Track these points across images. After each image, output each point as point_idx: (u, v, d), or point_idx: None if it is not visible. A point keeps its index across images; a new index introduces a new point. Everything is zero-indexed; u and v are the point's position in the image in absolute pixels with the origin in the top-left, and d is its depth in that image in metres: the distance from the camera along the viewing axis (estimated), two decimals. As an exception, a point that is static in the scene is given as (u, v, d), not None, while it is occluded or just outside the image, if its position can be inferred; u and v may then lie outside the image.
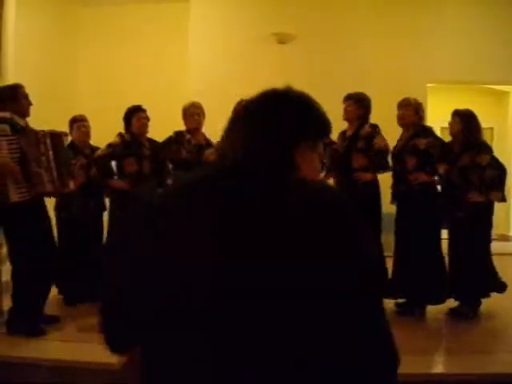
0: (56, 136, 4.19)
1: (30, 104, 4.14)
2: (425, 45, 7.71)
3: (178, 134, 5.20)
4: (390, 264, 4.82)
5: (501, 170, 4.65)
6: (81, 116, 5.14)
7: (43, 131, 4.07)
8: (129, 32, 8.19)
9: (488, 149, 4.66)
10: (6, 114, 3.97)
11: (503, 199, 4.64)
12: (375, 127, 4.90)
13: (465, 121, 4.61)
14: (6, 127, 3.89)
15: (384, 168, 4.89)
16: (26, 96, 4.11)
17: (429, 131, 4.79)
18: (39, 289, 4.15)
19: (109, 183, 5.11)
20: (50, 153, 4.03)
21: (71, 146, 5.02)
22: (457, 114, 4.69)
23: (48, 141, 4.04)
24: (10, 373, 3.60)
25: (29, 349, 3.81)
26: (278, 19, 7.44)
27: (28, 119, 4.20)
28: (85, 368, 3.57)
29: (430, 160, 4.65)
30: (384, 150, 4.83)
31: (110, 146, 5.09)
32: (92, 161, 5.08)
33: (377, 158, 4.85)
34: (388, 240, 4.98)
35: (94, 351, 3.80)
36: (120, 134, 5.15)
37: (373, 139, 4.82)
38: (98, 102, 7.52)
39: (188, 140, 5.16)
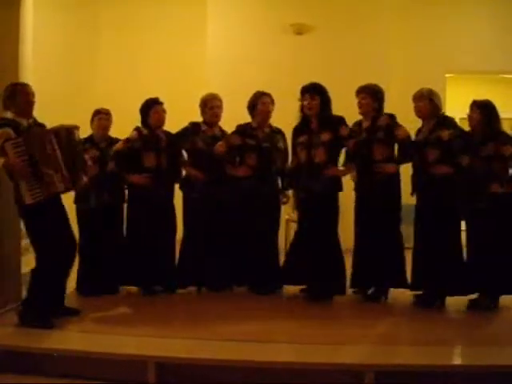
0: (62, 131, 4.01)
1: (30, 102, 3.99)
2: (443, 35, 7.63)
3: (194, 125, 5.21)
4: (409, 256, 4.84)
5: None
6: (103, 109, 5.12)
7: (47, 129, 3.95)
8: (148, 24, 8.21)
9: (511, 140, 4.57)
10: (8, 115, 3.92)
11: None
12: (393, 117, 4.85)
13: (484, 111, 4.55)
14: (10, 131, 3.82)
15: (408, 159, 4.82)
16: (25, 93, 3.97)
17: (451, 122, 4.72)
18: (58, 284, 4.18)
19: (129, 178, 5.08)
20: (58, 152, 3.89)
21: (89, 138, 5.05)
22: (475, 104, 4.61)
23: (53, 139, 3.90)
24: (29, 363, 3.65)
25: (48, 340, 3.85)
26: (295, 10, 7.40)
27: (40, 115, 4.16)
28: (103, 359, 3.61)
29: (451, 152, 4.59)
30: (407, 141, 4.78)
31: (127, 140, 5.07)
32: (110, 155, 5.06)
33: (401, 149, 4.82)
34: (407, 231, 4.97)
35: (113, 342, 3.87)
36: (137, 129, 5.14)
37: (393, 130, 4.78)
38: (118, 95, 7.54)
39: (204, 131, 5.18)
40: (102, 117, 5.09)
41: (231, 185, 5.10)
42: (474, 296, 4.68)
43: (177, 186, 5.28)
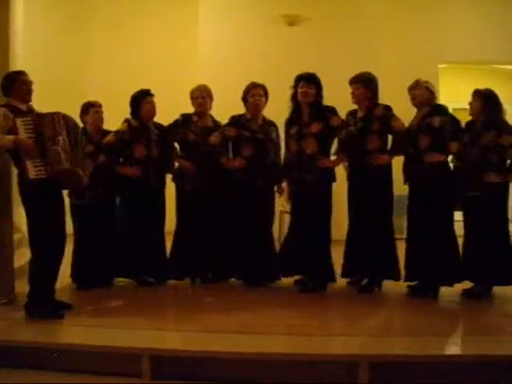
0: (71, 121, 4.18)
1: (30, 90, 4.14)
2: (436, 25, 7.62)
3: (185, 117, 5.20)
4: (402, 247, 4.85)
5: None
6: (95, 101, 5.08)
7: (58, 112, 4.08)
8: (139, 18, 8.17)
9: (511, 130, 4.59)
10: (8, 101, 4.03)
11: None
12: (388, 108, 4.83)
13: (485, 100, 4.57)
14: (6, 110, 3.92)
15: (402, 152, 4.80)
16: (25, 82, 4.12)
17: (443, 109, 4.75)
18: (55, 271, 4.17)
19: (120, 170, 5.07)
20: (65, 133, 4.03)
21: (83, 132, 5.00)
22: (477, 93, 4.63)
23: (62, 122, 4.04)
24: (27, 357, 3.63)
25: (41, 333, 3.84)
26: (287, 1, 7.37)
27: (34, 106, 4.20)
28: (96, 352, 3.59)
29: (443, 139, 4.61)
30: (403, 132, 4.76)
31: (117, 133, 5.05)
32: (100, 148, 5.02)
33: (395, 140, 4.81)
34: (400, 222, 4.97)
35: (107, 335, 3.86)
36: (127, 121, 5.11)
37: (388, 121, 4.78)
38: (110, 89, 7.50)
39: (195, 122, 5.16)
40: (98, 110, 5.04)
41: (224, 177, 5.08)
42: (467, 286, 4.70)
43: (169, 178, 5.27)
